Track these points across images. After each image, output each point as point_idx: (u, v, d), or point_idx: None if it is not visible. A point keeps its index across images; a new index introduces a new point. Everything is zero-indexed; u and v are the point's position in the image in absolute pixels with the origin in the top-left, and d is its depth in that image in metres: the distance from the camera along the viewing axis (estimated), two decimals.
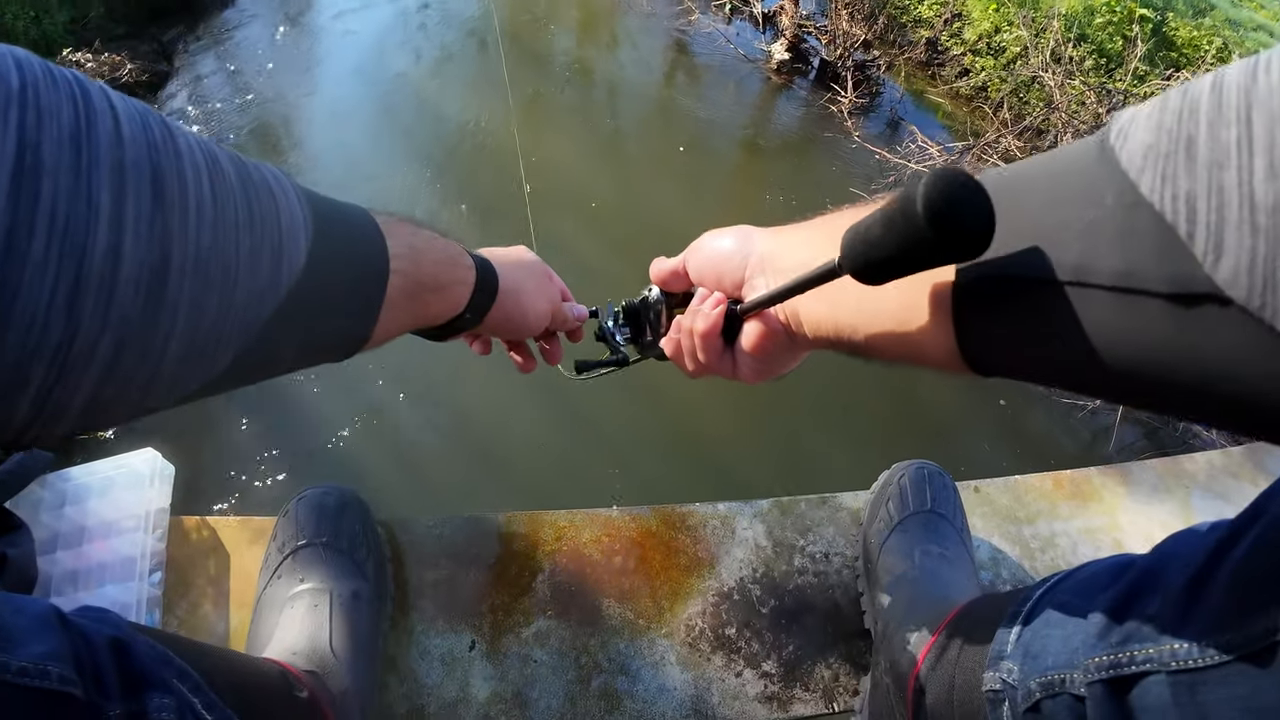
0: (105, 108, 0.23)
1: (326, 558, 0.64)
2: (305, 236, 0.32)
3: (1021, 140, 2.92)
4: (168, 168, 0.24)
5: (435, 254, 0.45)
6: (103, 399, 0.24)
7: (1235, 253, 0.21)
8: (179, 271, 0.24)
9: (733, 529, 0.78)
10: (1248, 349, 0.21)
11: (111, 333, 0.23)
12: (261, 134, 2.56)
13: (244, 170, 0.29)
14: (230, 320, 0.27)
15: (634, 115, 2.80)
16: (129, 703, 0.34)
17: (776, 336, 0.43)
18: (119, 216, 0.22)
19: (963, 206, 0.26)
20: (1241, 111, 0.21)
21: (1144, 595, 0.35)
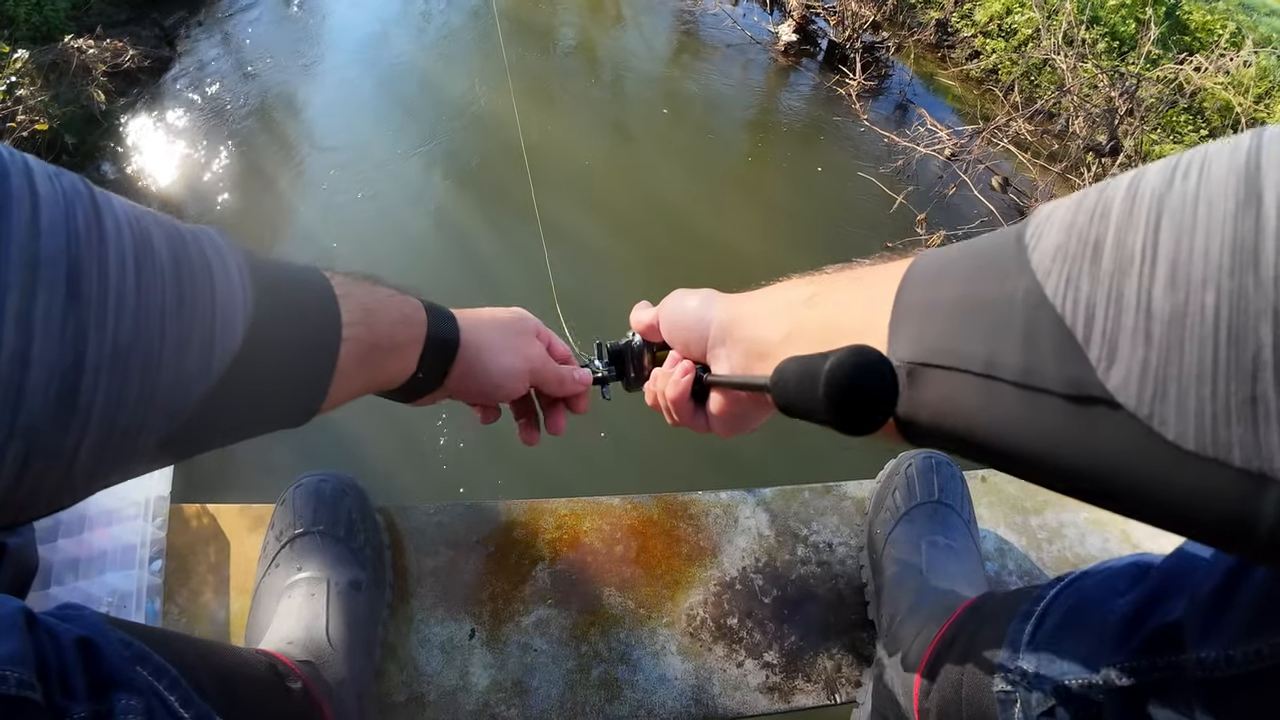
0: (23, 195, 0.22)
1: (324, 546, 0.64)
2: (243, 315, 0.30)
3: (1032, 124, 2.87)
4: (87, 259, 0.23)
5: (391, 313, 0.44)
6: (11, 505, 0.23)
7: (1127, 361, 0.21)
8: (93, 371, 0.23)
9: (735, 518, 0.77)
10: (1137, 452, 0.21)
11: (17, 441, 0.21)
12: (265, 117, 2.54)
13: (180, 248, 0.28)
14: (152, 411, 0.26)
15: (639, 96, 2.77)
16: (95, 704, 0.33)
17: (741, 403, 0.46)
18: (27, 319, 0.21)
19: (865, 405, 0.28)
20: (1151, 218, 0.21)
21: (1167, 599, 0.34)
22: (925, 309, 0.30)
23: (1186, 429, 0.20)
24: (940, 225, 2.35)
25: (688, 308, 0.48)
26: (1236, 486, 0.19)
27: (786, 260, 2.19)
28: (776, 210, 2.38)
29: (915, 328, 0.30)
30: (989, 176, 2.63)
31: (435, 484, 1.56)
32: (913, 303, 0.31)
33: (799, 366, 0.31)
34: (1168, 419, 0.20)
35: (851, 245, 2.26)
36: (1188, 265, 0.20)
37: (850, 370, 0.28)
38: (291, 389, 0.37)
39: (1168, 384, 0.20)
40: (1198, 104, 3.00)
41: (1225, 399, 0.19)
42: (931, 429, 0.31)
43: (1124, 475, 0.22)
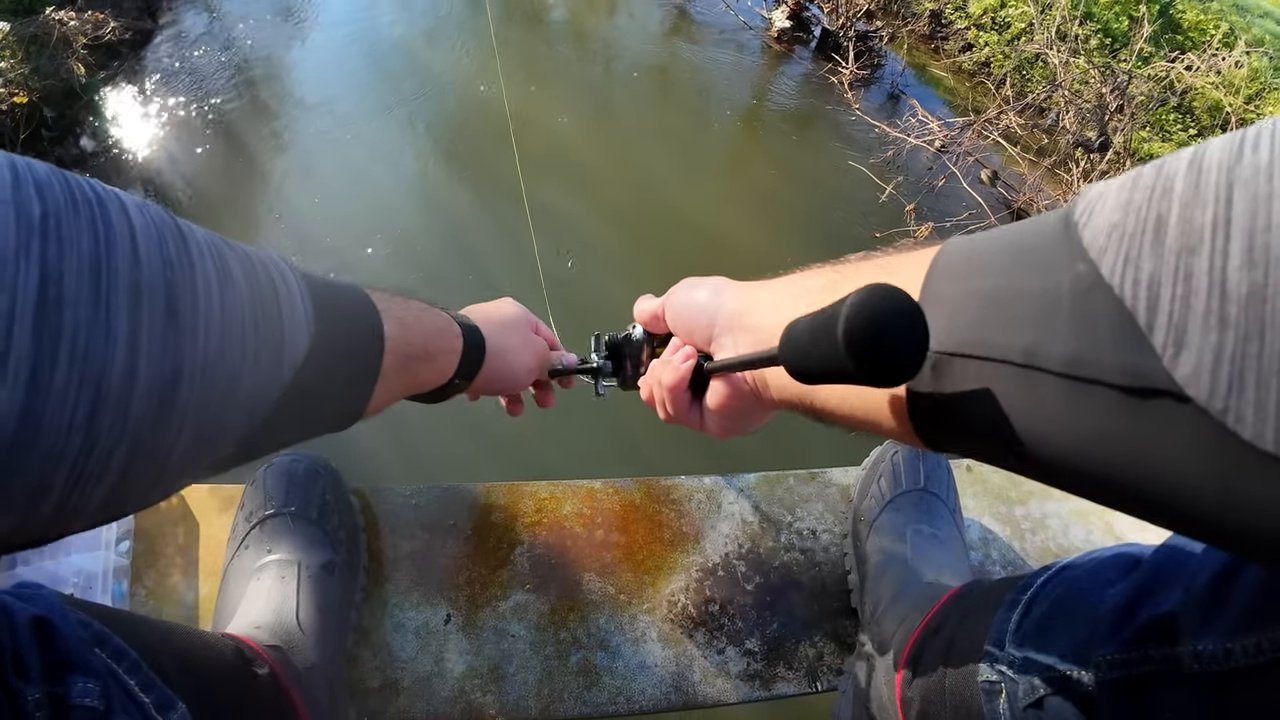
0: (123, 229, 0.24)
1: (295, 527, 0.62)
2: (306, 330, 0.33)
3: (1023, 118, 2.87)
4: (181, 283, 0.25)
5: (425, 326, 0.47)
6: (117, 498, 0.25)
7: (1199, 347, 0.19)
8: (189, 382, 0.25)
9: (718, 503, 0.76)
10: (1205, 455, 0.19)
11: (127, 442, 0.24)
12: (246, 89, 2.49)
13: (251, 273, 0.30)
14: (234, 415, 0.29)
15: (630, 80, 2.74)
16: (50, 686, 0.32)
17: (742, 396, 0.43)
18: (135, 339, 0.23)
19: (888, 343, 0.24)
20: (1221, 191, 0.19)
21: (1160, 590, 0.33)
22: (955, 297, 0.27)
23: (1265, 427, 0.18)
24: (929, 217, 2.34)
25: (696, 297, 0.46)
26: None
27: (774, 246, 2.18)
28: (764, 196, 2.37)
29: (944, 317, 0.27)
30: (978, 169, 2.63)
31: (412, 466, 1.53)
32: (941, 291, 0.28)
33: (810, 320, 0.27)
34: (1245, 415, 0.18)
35: (840, 234, 2.25)
36: (1266, 238, 0.18)
37: (872, 307, 0.24)
38: (342, 394, 0.40)
39: (1246, 374, 0.18)
40: (1188, 103, 3.02)
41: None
42: (958, 429, 0.28)
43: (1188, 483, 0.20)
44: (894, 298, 0.24)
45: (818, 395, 0.37)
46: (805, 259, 0.41)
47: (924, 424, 0.30)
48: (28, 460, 0.21)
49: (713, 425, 0.47)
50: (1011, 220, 2.42)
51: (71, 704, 0.32)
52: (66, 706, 0.32)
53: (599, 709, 0.64)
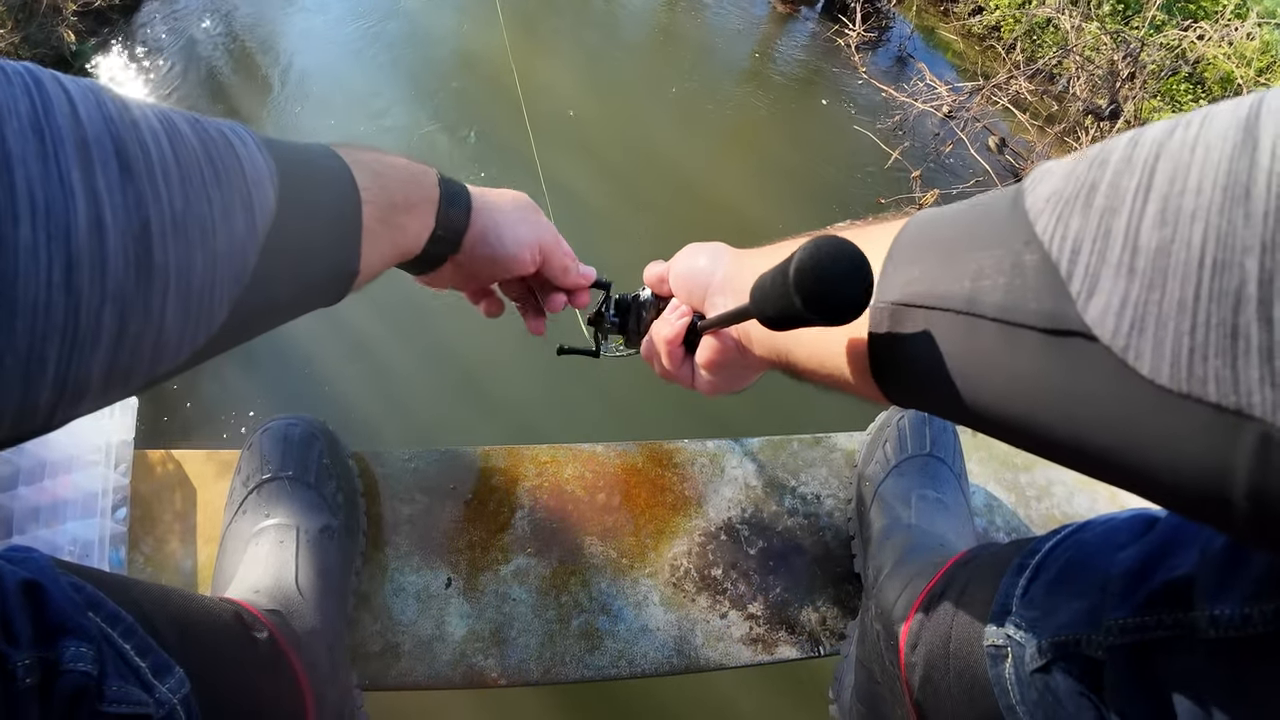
0: (59, 92, 0.24)
1: (293, 492, 0.61)
2: (272, 183, 0.33)
3: (1033, 83, 2.81)
4: (128, 138, 0.25)
5: (400, 174, 0.45)
6: (118, 368, 0.25)
7: (1108, 293, 0.21)
8: (160, 235, 0.25)
9: (722, 467, 0.75)
10: (1109, 390, 0.21)
11: (111, 303, 0.24)
12: (242, 55, 2.44)
13: (201, 129, 0.30)
14: (218, 272, 0.28)
15: (633, 41, 2.68)
16: (41, 650, 0.31)
17: (728, 352, 0.46)
18: (93, 191, 0.23)
19: (830, 282, 0.27)
20: (1149, 162, 0.21)
21: (1175, 553, 0.32)
22: (914, 255, 0.30)
23: (1162, 363, 0.20)
24: (935, 183, 2.31)
25: (697, 261, 0.49)
26: (1211, 428, 0.19)
27: (776, 210, 2.15)
28: (768, 160, 2.33)
29: (903, 273, 0.30)
30: (986, 136, 2.58)
31: (410, 430, 1.52)
32: (904, 251, 0.31)
33: (770, 271, 0.31)
34: (1144, 352, 0.20)
35: (845, 199, 2.21)
36: (1179, 201, 0.20)
37: (816, 251, 0.28)
38: (327, 251, 0.39)
39: (1146, 317, 0.20)
40: (1199, 73, 2.95)
41: (1205, 332, 0.19)
42: (912, 376, 0.31)
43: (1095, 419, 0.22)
44: (837, 244, 0.28)
45: (793, 351, 0.40)
46: (808, 223, 0.40)
47: (881, 373, 0.33)
48: (11, 326, 0.21)
49: (701, 381, 0.50)
50: None
51: (63, 669, 0.32)
52: (58, 671, 0.31)
53: (600, 672, 0.63)
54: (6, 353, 0.21)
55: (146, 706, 0.34)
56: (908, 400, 0.33)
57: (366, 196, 0.40)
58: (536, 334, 0.61)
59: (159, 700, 0.35)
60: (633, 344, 0.60)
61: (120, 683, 0.34)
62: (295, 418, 0.65)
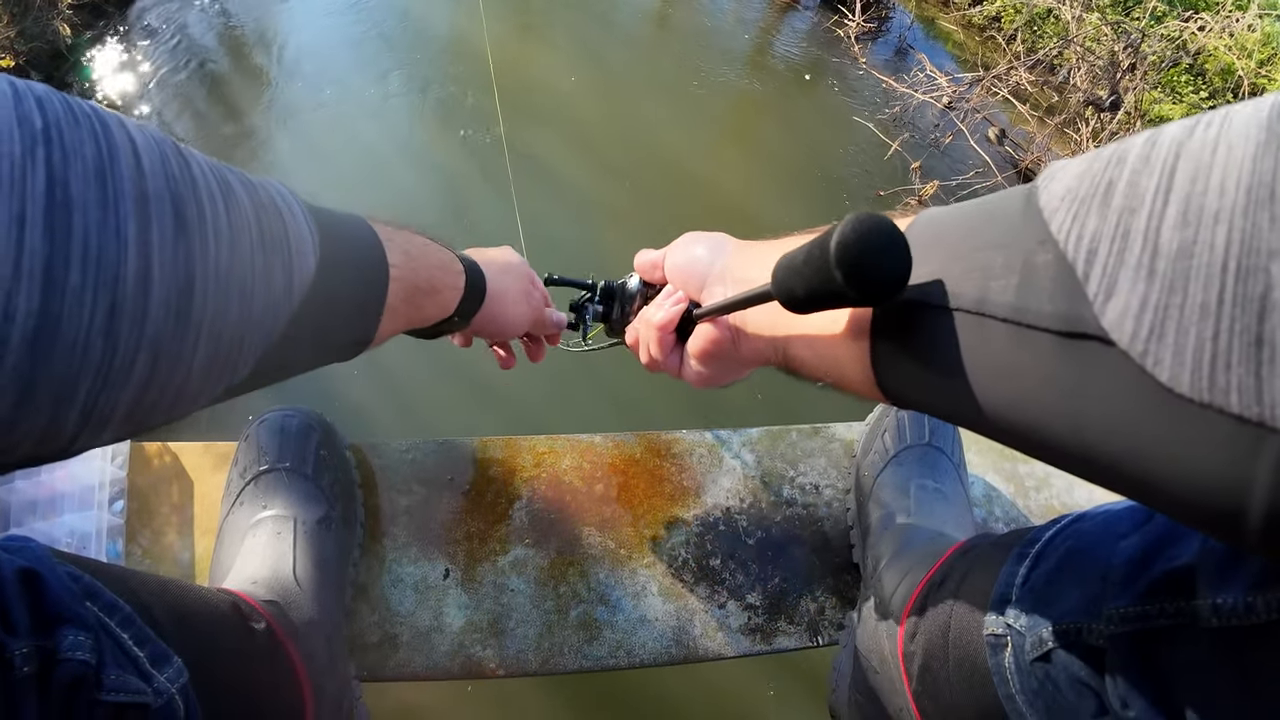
0: (125, 141, 0.24)
1: (290, 483, 0.61)
2: (313, 250, 0.34)
3: (1033, 74, 2.80)
4: (186, 196, 0.26)
5: (429, 260, 0.47)
6: (142, 407, 0.26)
7: (1126, 295, 0.20)
8: (202, 292, 0.26)
9: (720, 457, 0.75)
10: (1126, 397, 0.20)
11: (147, 350, 0.24)
12: (237, 48, 2.43)
13: (253, 191, 0.31)
14: (249, 331, 0.29)
15: (627, 27, 2.66)
16: (38, 639, 0.31)
17: (722, 343, 0.45)
18: (145, 245, 0.24)
19: (873, 256, 0.27)
20: (1169, 162, 0.20)
21: (1177, 541, 0.32)
22: (922, 253, 0.29)
23: (1182, 371, 0.19)
24: (934, 174, 2.30)
25: (695, 251, 0.48)
26: (1232, 440, 0.18)
27: (774, 201, 2.14)
28: (766, 151, 2.32)
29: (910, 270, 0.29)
30: (986, 127, 2.57)
31: (407, 421, 1.52)
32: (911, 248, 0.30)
33: (800, 251, 0.30)
34: (1163, 359, 0.19)
35: (843, 190, 2.20)
36: (1201, 201, 0.19)
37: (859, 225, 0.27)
38: (350, 320, 0.40)
39: (1167, 322, 0.19)
40: (1200, 64, 2.93)
41: (1228, 339, 0.18)
42: (915, 376, 0.30)
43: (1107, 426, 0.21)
44: (879, 220, 0.27)
45: (791, 346, 0.39)
46: (806, 214, 0.40)
47: (884, 373, 0.32)
48: (50, 360, 0.22)
49: (691, 372, 0.50)
50: (1018, 180, 2.37)
51: (61, 657, 0.31)
52: (56, 660, 0.31)
53: (599, 662, 0.63)
54: (41, 382, 0.22)
55: (144, 695, 0.34)
56: (909, 401, 0.33)
57: (394, 274, 0.42)
58: (506, 368, 0.68)
59: (157, 690, 0.35)
60: (615, 333, 0.60)
61: (118, 672, 0.34)
62: (292, 409, 0.64)
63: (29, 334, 0.21)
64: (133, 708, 0.33)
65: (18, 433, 0.22)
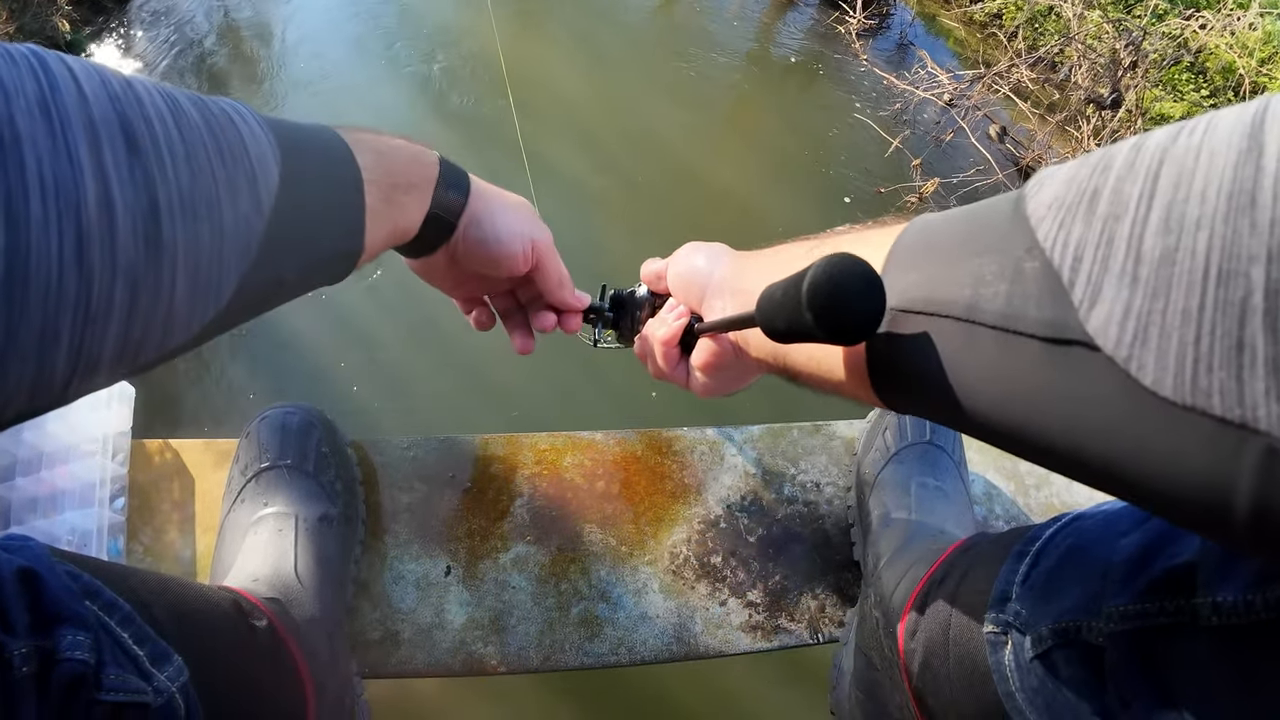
0: (64, 72, 0.24)
1: (291, 480, 0.61)
2: (275, 159, 0.33)
3: (1034, 72, 2.79)
4: (134, 116, 0.26)
5: (401, 153, 0.45)
6: (130, 343, 0.26)
7: (1110, 302, 0.21)
8: (168, 211, 0.26)
9: (721, 455, 0.75)
10: (1111, 401, 0.21)
11: (123, 278, 0.24)
12: (238, 43, 2.43)
13: (204, 107, 0.30)
14: (225, 248, 0.29)
15: (630, 25, 2.66)
16: (37, 639, 0.31)
17: (724, 355, 0.46)
18: (101, 168, 0.24)
19: (843, 301, 0.27)
20: (1153, 168, 0.21)
21: (1177, 539, 0.32)
22: (914, 261, 0.30)
23: (1165, 375, 0.19)
24: (935, 172, 2.29)
25: (695, 261, 0.48)
26: (1214, 441, 0.18)
27: (775, 198, 2.14)
28: (766, 147, 2.31)
29: (902, 278, 0.30)
30: (987, 124, 2.57)
31: (408, 418, 1.52)
32: (903, 256, 0.31)
33: (783, 282, 0.30)
34: (1146, 363, 0.20)
35: (843, 187, 2.20)
36: (1183, 208, 0.19)
37: (832, 269, 0.27)
38: (332, 228, 0.39)
39: (1150, 327, 0.20)
40: (1201, 62, 2.93)
41: (1209, 343, 0.18)
42: (909, 383, 0.30)
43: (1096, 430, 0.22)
44: (853, 263, 0.27)
45: (790, 355, 0.39)
46: (807, 211, 0.40)
47: (879, 379, 0.32)
48: (26, 300, 0.22)
49: (696, 383, 0.50)
50: (1019, 178, 2.37)
51: (60, 657, 0.31)
52: (55, 660, 0.31)
53: (600, 660, 0.63)
54: (21, 325, 0.22)
55: (144, 695, 0.34)
56: (905, 406, 0.33)
57: (368, 175, 0.40)
58: (524, 353, 0.60)
59: (157, 688, 0.35)
60: (626, 339, 0.60)
61: (118, 671, 0.34)
62: (293, 406, 0.64)
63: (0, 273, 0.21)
64: (132, 707, 0.33)
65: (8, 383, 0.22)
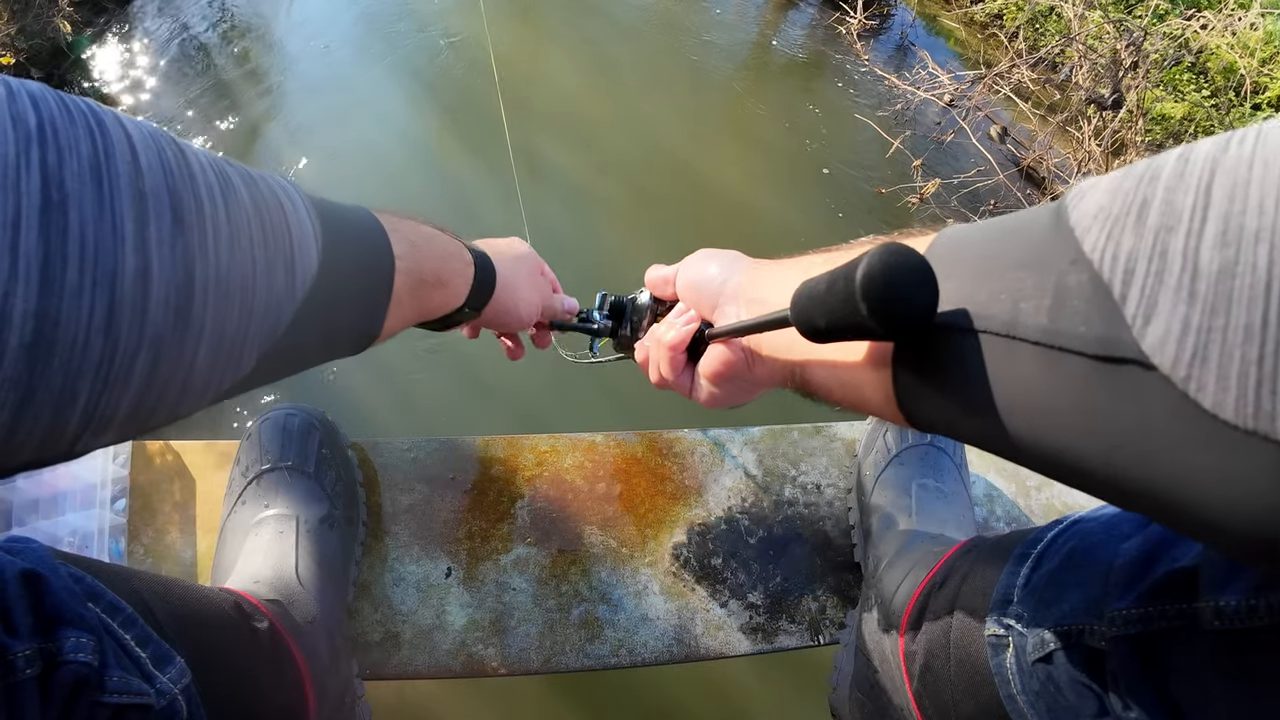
0: (121, 137, 0.24)
1: (292, 482, 0.61)
2: (316, 245, 0.33)
3: (1035, 72, 2.79)
4: (184, 191, 0.25)
5: (436, 250, 0.46)
6: (144, 407, 0.26)
7: (1167, 318, 0.19)
8: (202, 289, 0.26)
9: (722, 456, 0.75)
10: (1166, 423, 0.20)
11: (147, 349, 0.24)
12: (238, 42, 2.43)
13: (254, 186, 0.30)
14: (252, 328, 0.29)
15: (629, 25, 2.66)
16: (41, 641, 0.31)
17: (735, 365, 0.44)
18: (143, 241, 0.24)
19: (901, 290, 0.26)
20: (1204, 179, 0.20)
21: (1180, 543, 0.32)
22: (945, 273, 0.28)
23: (1226, 396, 0.18)
24: (936, 173, 2.29)
25: (708, 268, 0.47)
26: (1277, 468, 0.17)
27: (776, 201, 2.14)
28: (768, 148, 2.31)
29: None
30: (987, 125, 2.57)
31: (409, 420, 1.52)
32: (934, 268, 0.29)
33: (828, 274, 0.28)
34: (1206, 384, 0.18)
35: (845, 188, 2.20)
36: (1240, 220, 0.18)
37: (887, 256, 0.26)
38: (357, 314, 0.39)
39: (1210, 345, 0.18)
40: (1202, 63, 2.93)
41: (1274, 363, 0.17)
42: (938, 400, 0.29)
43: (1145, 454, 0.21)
44: (908, 252, 0.26)
45: (809, 368, 0.38)
46: (807, 213, 0.40)
47: (907, 398, 0.31)
48: (49, 363, 0.21)
49: (702, 392, 0.49)
50: (1020, 179, 2.37)
51: (63, 659, 0.31)
52: (58, 662, 0.31)
53: (601, 661, 0.63)
54: (40, 386, 0.21)
55: (147, 697, 0.34)
56: (934, 426, 0.32)
57: (400, 266, 0.41)
58: (514, 359, 0.66)
59: (160, 690, 0.35)
60: (622, 348, 0.59)
61: (121, 673, 0.34)
62: (294, 407, 0.64)
63: (27, 338, 0.20)
64: (135, 709, 0.33)
65: (18, 437, 0.22)
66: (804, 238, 2.01)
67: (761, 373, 0.43)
